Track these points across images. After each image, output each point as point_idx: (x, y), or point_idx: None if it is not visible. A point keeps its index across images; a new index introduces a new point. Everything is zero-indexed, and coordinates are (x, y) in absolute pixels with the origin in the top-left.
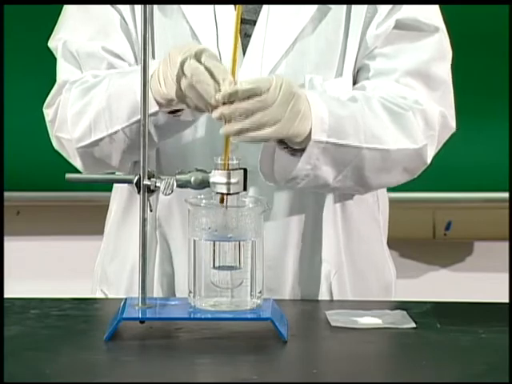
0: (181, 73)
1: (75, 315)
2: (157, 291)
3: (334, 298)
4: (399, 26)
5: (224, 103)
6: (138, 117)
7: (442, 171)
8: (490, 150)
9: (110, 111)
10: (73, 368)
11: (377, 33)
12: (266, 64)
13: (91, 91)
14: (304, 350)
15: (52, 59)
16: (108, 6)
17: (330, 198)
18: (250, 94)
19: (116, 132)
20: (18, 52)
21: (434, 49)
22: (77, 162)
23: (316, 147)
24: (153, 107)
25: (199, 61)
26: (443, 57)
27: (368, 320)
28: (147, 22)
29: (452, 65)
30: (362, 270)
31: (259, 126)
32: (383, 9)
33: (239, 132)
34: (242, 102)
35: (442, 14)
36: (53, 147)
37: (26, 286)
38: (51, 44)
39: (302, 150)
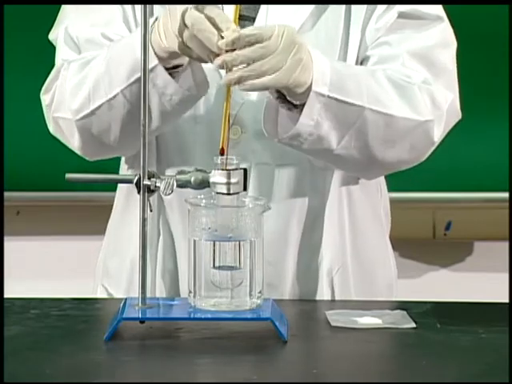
0: (182, 24)
1: (75, 315)
2: (160, 289)
3: (336, 295)
4: (401, 16)
5: (226, 51)
6: (138, 74)
7: (442, 171)
8: (490, 150)
9: (109, 75)
10: (73, 368)
11: (377, 26)
12: None
13: (90, 63)
14: (304, 350)
15: (52, 59)
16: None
17: (333, 191)
18: (252, 40)
19: (115, 96)
20: (18, 52)
21: (438, 36)
22: (75, 142)
23: (317, 101)
24: (152, 61)
25: (201, 11)
26: (447, 45)
27: (368, 320)
28: (147, 21)
29: None
30: (367, 266)
31: (260, 73)
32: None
33: (239, 79)
34: (243, 49)
35: None
36: (53, 147)
37: (25, 286)
38: (52, 35)
39: (304, 107)
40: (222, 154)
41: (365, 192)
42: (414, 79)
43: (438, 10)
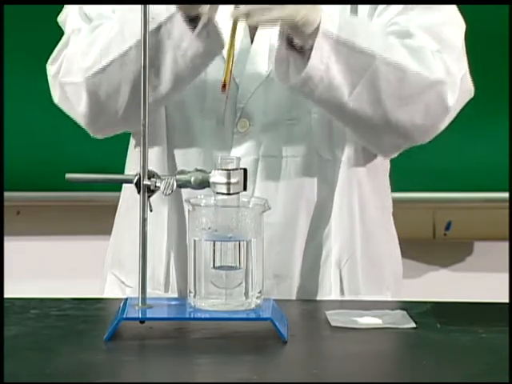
0: None
1: (75, 315)
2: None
3: (344, 287)
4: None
5: None
6: (153, 26)
7: (442, 171)
8: (490, 150)
9: (121, 33)
10: (73, 368)
11: (383, 19)
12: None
13: (103, 24)
14: (304, 350)
15: None
16: None
17: (342, 182)
18: None
19: (128, 51)
20: (18, 52)
21: (447, 15)
22: (81, 108)
23: (326, 42)
24: (169, 9)
25: None
26: (456, 24)
27: (368, 320)
28: (147, 21)
29: None
30: (375, 258)
31: (267, 8)
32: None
33: (247, 13)
34: None
35: None
36: (53, 147)
37: (25, 286)
38: (61, 17)
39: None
40: (223, 88)
41: (373, 183)
42: (427, 47)
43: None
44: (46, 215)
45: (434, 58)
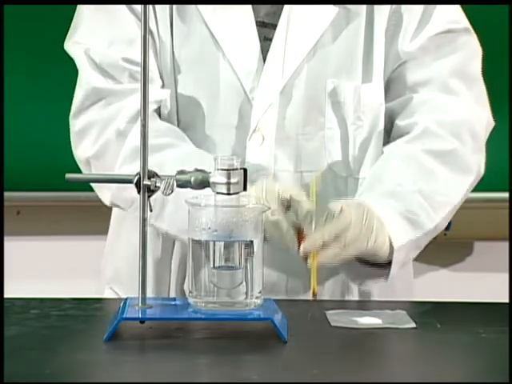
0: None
1: (75, 315)
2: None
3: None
4: (433, 37)
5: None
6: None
7: None
8: (490, 150)
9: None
10: (73, 368)
11: (409, 49)
12: (288, 68)
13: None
14: (304, 350)
15: (52, 60)
16: (129, 13)
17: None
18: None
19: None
20: (18, 52)
21: (468, 49)
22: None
23: (402, 252)
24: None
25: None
26: (476, 55)
27: (368, 320)
28: (147, 21)
29: None
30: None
31: (342, 245)
32: (412, 20)
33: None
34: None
35: None
36: (53, 147)
37: (25, 286)
38: (68, 47)
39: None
40: (313, 295)
41: None
42: (453, 114)
43: (463, 21)
44: (46, 215)
45: (464, 146)
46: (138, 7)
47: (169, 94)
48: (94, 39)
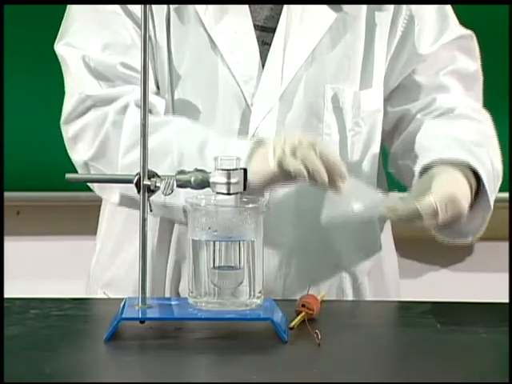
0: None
1: (75, 315)
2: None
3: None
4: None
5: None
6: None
7: None
8: None
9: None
10: (73, 368)
11: (427, 52)
12: (287, 74)
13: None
14: (304, 350)
15: (52, 60)
16: (124, 16)
17: None
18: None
19: None
20: (18, 52)
21: (477, 53)
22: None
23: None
24: None
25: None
26: (477, 56)
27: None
28: (147, 21)
29: None
30: (384, 278)
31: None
32: (427, 25)
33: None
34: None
35: None
36: (53, 147)
37: (25, 286)
38: (58, 48)
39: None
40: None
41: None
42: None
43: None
44: (45, 215)
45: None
46: (134, 9)
47: (162, 102)
48: (88, 43)
